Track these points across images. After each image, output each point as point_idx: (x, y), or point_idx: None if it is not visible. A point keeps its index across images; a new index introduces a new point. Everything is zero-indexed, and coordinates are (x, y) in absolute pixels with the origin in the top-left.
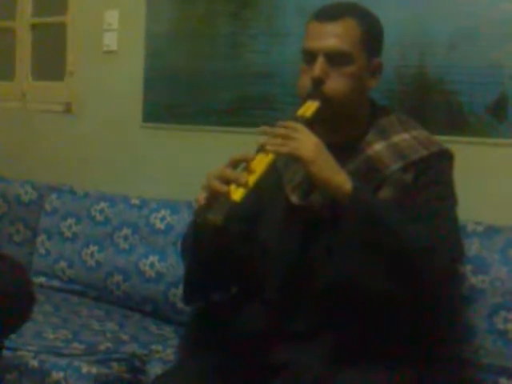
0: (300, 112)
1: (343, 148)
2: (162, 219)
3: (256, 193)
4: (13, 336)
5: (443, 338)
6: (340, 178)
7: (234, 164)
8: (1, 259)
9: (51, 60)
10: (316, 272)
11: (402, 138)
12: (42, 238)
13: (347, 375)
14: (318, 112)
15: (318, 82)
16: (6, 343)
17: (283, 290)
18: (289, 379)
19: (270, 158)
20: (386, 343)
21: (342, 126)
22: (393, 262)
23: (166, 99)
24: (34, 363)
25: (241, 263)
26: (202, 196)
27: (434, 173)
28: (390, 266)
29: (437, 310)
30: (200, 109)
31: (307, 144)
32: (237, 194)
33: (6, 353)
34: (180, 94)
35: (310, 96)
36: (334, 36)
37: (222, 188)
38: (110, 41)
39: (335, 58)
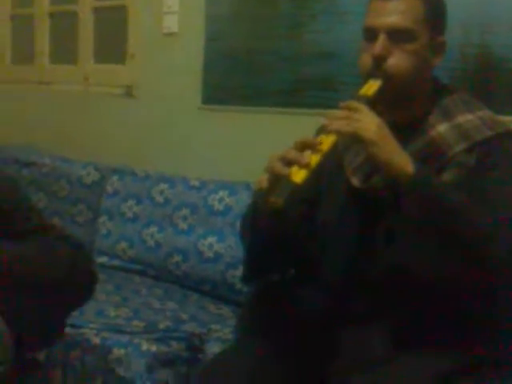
0: (362, 91)
1: (405, 128)
2: (221, 200)
3: (317, 175)
4: (76, 314)
5: (501, 325)
6: (402, 160)
7: (298, 146)
8: (64, 239)
9: (113, 43)
10: (376, 255)
11: (466, 118)
12: (103, 218)
13: (406, 359)
14: (379, 91)
15: (379, 60)
16: (70, 321)
17: (342, 272)
18: (347, 362)
19: (332, 138)
20: (445, 328)
21: (404, 106)
22: (452, 247)
23: (225, 81)
24: (97, 340)
25: (300, 245)
26: (263, 178)
27: (498, 155)
28: (450, 250)
29: (494, 298)
30: (259, 90)
31: (369, 125)
32: (299, 176)
33: (69, 330)
34: (239, 76)
35: (372, 74)
36: (396, 13)
37: (284, 170)
38: (171, 23)
39: (397, 35)
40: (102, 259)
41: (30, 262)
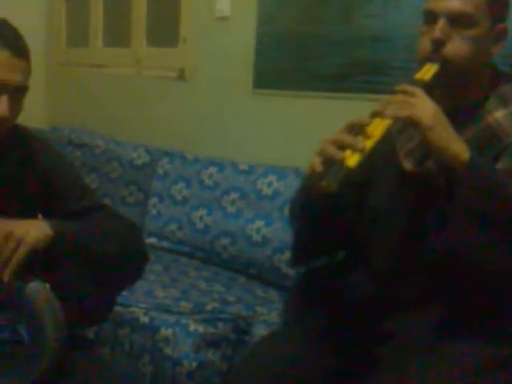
0: (418, 75)
1: (461, 114)
2: (269, 185)
3: (368, 158)
4: (125, 293)
5: None
6: (458, 147)
7: (350, 129)
8: (116, 218)
9: (165, 27)
10: (427, 241)
11: None
12: (153, 200)
13: (456, 346)
14: (436, 76)
15: (438, 44)
16: (119, 300)
17: (392, 257)
18: (395, 348)
19: (387, 122)
20: (496, 317)
21: (461, 92)
22: (506, 235)
23: (276, 65)
24: (145, 319)
25: (350, 229)
26: (315, 161)
27: None
28: (504, 238)
29: None
30: (310, 74)
31: (426, 109)
32: (352, 160)
33: (118, 309)
34: (291, 60)
35: (429, 59)
36: None
37: (337, 154)
38: (223, 7)
39: (458, 20)
40: (152, 240)
41: (85, 239)
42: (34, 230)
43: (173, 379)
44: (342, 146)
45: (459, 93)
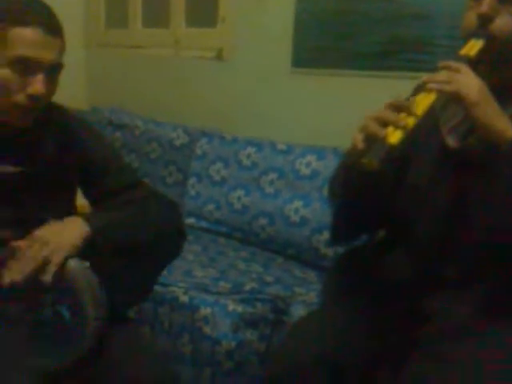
0: (463, 51)
1: (506, 91)
2: (308, 165)
3: (411, 134)
4: (165, 272)
5: None
6: (502, 123)
7: (394, 106)
8: (155, 196)
9: (204, 7)
10: (469, 219)
11: None
12: (192, 180)
13: (496, 327)
14: (482, 52)
15: (485, 19)
16: (160, 279)
17: (433, 236)
18: (436, 328)
19: (431, 98)
20: None
21: (507, 68)
22: None
23: (315, 43)
24: (184, 299)
25: (390, 207)
26: (358, 138)
27: None
28: None
29: None
30: (350, 53)
31: (471, 85)
32: (394, 136)
33: (158, 288)
34: (330, 38)
35: (475, 34)
36: None
37: (380, 131)
38: None
39: None
40: (190, 220)
41: (122, 229)
42: (71, 233)
43: (212, 358)
44: (385, 123)
45: (505, 69)
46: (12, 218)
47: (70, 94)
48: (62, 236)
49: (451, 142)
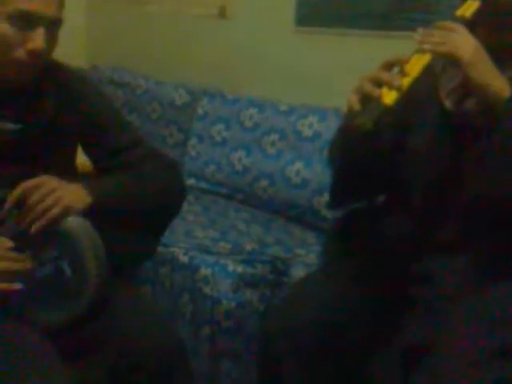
0: (459, 12)
1: (503, 52)
2: (310, 126)
3: (408, 97)
4: (166, 233)
5: None
6: (499, 84)
7: (388, 66)
8: (155, 156)
9: None
10: (466, 181)
11: None
12: (193, 141)
13: (495, 288)
14: (477, 13)
15: None
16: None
17: (430, 198)
18: (433, 290)
19: (426, 59)
20: None
21: (504, 30)
22: None
23: (319, 2)
24: (185, 259)
25: (389, 170)
26: (353, 99)
27: None
28: None
29: None
30: (354, 12)
31: (466, 45)
32: (389, 97)
33: (159, 248)
34: None
35: None
36: None
37: (374, 91)
38: None
39: None
40: (191, 181)
41: (124, 196)
42: (75, 196)
43: (211, 318)
44: (380, 84)
45: (503, 32)
46: (12, 175)
47: (71, 51)
48: (67, 192)
49: (449, 104)
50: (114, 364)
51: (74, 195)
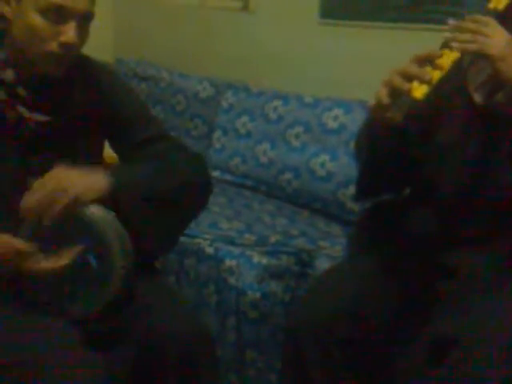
0: (491, 5)
1: None
2: (335, 118)
3: (437, 91)
4: (191, 224)
5: None
6: None
7: (418, 60)
8: (180, 149)
9: None
10: (495, 176)
11: None
12: (218, 133)
13: None
14: (511, 5)
15: None
16: (186, 231)
17: (459, 192)
18: (460, 284)
19: (455, 54)
20: None
21: None
22: None
23: None
24: (210, 250)
25: (416, 164)
26: (382, 92)
27: None
28: None
29: None
30: (379, 4)
31: (498, 40)
32: (419, 91)
33: (184, 239)
34: None
35: None
36: None
37: (404, 85)
38: None
39: None
40: (215, 173)
41: (146, 183)
42: (88, 185)
43: (236, 308)
44: (409, 78)
45: None
46: (40, 166)
47: (96, 45)
48: (77, 181)
49: (478, 98)
50: (141, 353)
51: (87, 184)
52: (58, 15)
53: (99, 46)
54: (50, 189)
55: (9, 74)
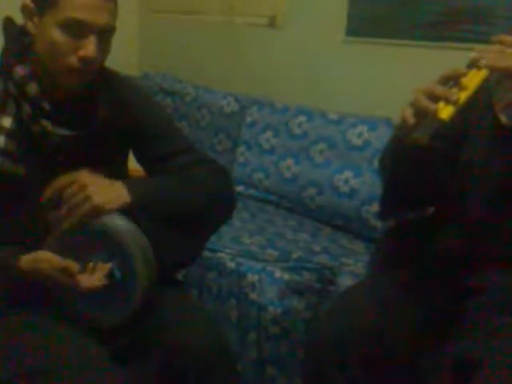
0: None
1: None
2: (359, 135)
3: (463, 111)
4: (213, 238)
5: None
6: None
7: (445, 80)
8: (205, 162)
9: None
10: None
11: None
12: (242, 148)
13: None
14: None
15: None
16: (207, 245)
17: (485, 211)
18: (485, 304)
19: (483, 73)
20: None
21: None
22: None
23: (370, 12)
24: (232, 265)
25: (441, 183)
26: (407, 112)
27: None
28: None
29: None
30: (405, 22)
31: None
32: (445, 112)
33: (207, 253)
34: (385, 7)
35: None
36: None
37: (430, 106)
38: None
39: None
40: (239, 188)
41: (167, 196)
42: (110, 195)
43: (258, 324)
44: (436, 98)
45: None
46: None
47: (122, 59)
48: (99, 190)
49: (505, 119)
50: (163, 366)
51: (110, 194)
52: (78, 30)
53: (125, 61)
54: (73, 192)
55: (33, 88)
